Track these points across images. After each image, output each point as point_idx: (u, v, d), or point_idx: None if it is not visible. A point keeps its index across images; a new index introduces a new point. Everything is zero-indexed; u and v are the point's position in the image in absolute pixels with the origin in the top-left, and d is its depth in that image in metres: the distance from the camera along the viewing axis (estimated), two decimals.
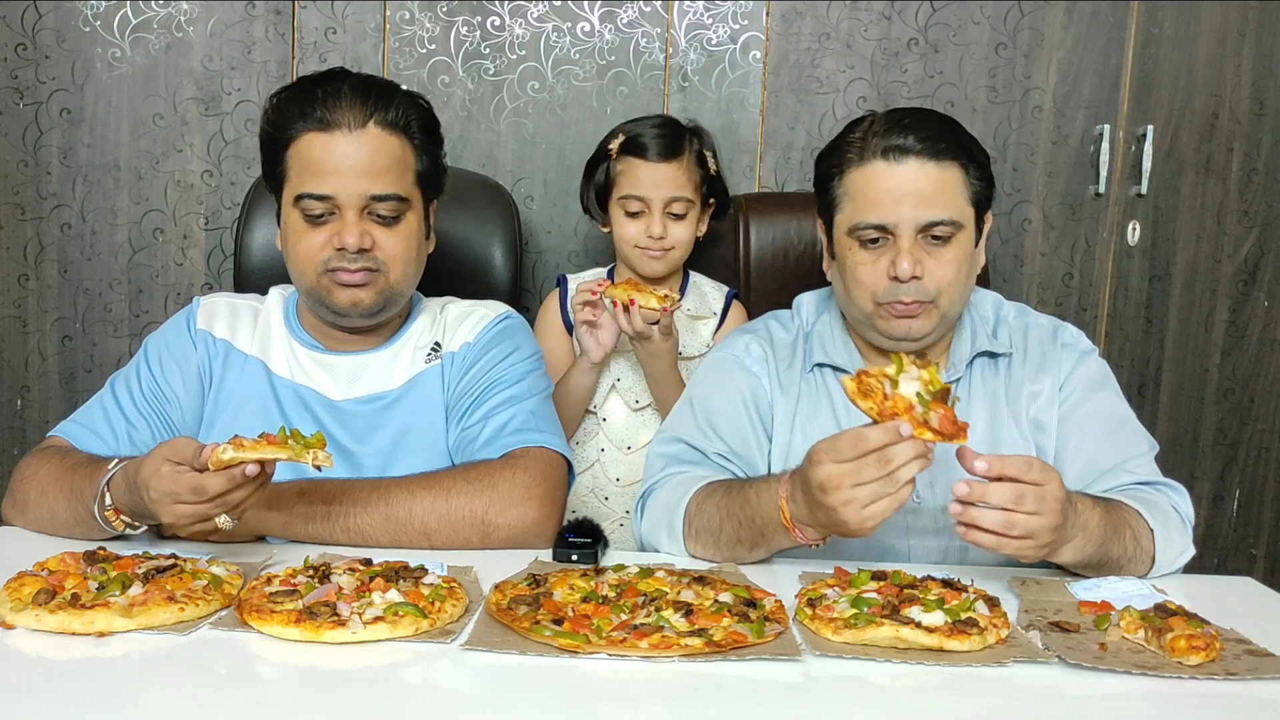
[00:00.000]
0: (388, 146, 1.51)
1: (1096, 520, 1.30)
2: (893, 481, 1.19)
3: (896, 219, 1.45)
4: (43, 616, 1.08)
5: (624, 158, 1.92)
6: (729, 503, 1.39)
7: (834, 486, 1.20)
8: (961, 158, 1.47)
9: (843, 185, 1.50)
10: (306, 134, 1.49)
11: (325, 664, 1.04)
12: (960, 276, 1.48)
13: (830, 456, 1.21)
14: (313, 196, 1.49)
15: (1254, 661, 1.10)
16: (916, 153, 1.45)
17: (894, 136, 1.45)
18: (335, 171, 1.48)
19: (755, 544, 1.37)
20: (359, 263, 1.49)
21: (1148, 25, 2.34)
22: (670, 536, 1.45)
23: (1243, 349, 2.46)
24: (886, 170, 1.45)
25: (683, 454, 1.54)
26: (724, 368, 1.60)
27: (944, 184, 1.46)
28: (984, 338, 1.56)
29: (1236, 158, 2.39)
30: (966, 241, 1.49)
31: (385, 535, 1.40)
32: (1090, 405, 1.53)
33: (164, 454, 1.23)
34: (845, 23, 2.32)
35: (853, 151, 1.48)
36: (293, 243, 1.53)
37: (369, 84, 1.53)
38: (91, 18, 2.27)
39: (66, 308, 2.35)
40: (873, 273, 1.47)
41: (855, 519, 1.20)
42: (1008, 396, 1.54)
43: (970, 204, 1.49)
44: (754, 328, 1.66)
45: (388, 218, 1.51)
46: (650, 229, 1.90)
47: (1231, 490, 2.50)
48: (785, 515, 1.30)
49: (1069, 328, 1.60)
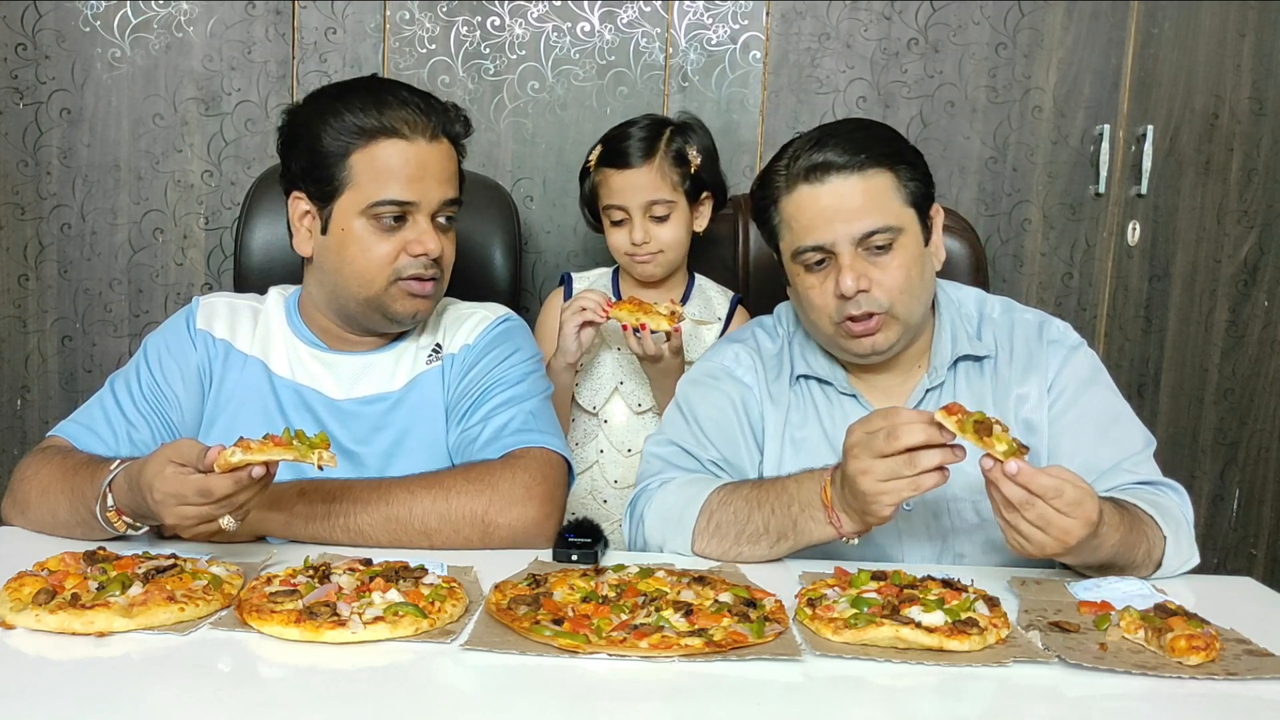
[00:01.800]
0: (453, 156, 1.56)
1: (1115, 533, 1.29)
2: (910, 463, 1.22)
3: (832, 237, 1.44)
4: (43, 616, 1.08)
5: (600, 169, 1.91)
6: (760, 494, 1.39)
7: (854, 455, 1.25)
8: (886, 163, 1.46)
9: (778, 214, 1.50)
10: (381, 140, 1.49)
11: (325, 664, 1.04)
12: (912, 282, 1.46)
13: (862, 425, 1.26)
14: (394, 203, 1.49)
15: (1254, 661, 1.10)
16: (837, 168, 1.44)
17: (813, 155, 1.45)
18: (418, 178, 1.50)
19: (784, 535, 1.36)
20: (432, 270, 1.52)
21: (1148, 25, 2.34)
22: (679, 532, 1.43)
23: (1243, 349, 2.46)
24: (812, 192, 1.45)
25: (677, 457, 1.53)
26: (715, 376, 1.59)
27: (871, 193, 1.45)
28: (965, 340, 1.54)
29: (1236, 158, 2.39)
30: (912, 245, 1.47)
31: (385, 535, 1.40)
32: (1082, 404, 1.51)
33: (168, 455, 1.23)
34: (845, 23, 2.32)
35: (780, 179, 1.48)
36: (358, 250, 1.51)
37: (426, 95, 1.55)
38: (91, 18, 2.27)
39: (66, 308, 2.35)
40: (822, 295, 1.47)
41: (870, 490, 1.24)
42: (995, 399, 1.52)
43: (908, 205, 1.47)
44: (742, 336, 1.65)
45: (447, 224, 1.55)
46: (632, 235, 1.89)
47: (1231, 490, 2.50)
48: (828, 495, 1.31)
49: (1055, 322, 1.57)
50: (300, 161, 1.53)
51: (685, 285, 2.01)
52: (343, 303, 1.56)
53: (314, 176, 1.52)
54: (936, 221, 1.54)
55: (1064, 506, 1.19)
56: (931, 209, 1.52)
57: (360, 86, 1.55)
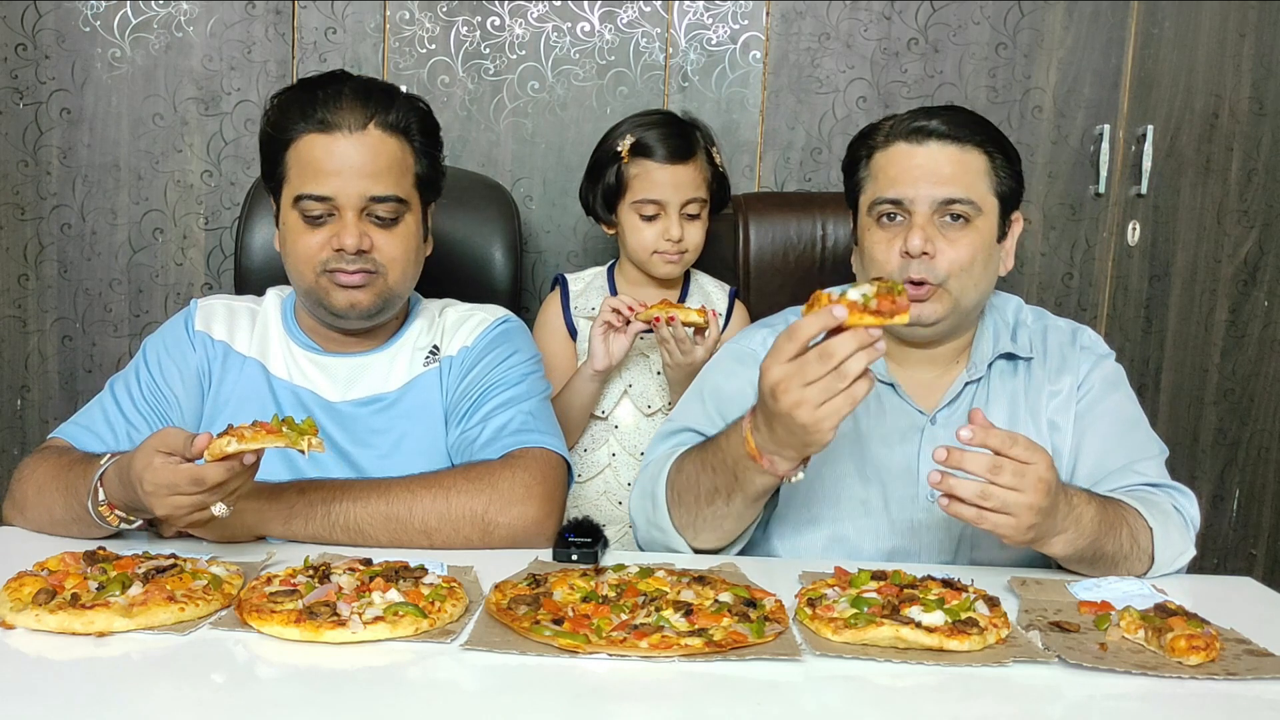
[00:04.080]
0: (388, 148, 1.51)
1: (1091, 515, 1.30)
2: (841, 376, 1.17)
3: (913, 195, 1.46)
4: (43, 616, 1.08)
5: (638, 160, 1.89)
6: (703, 454, 1.39)
7: (783, 390, 1.18)
8: (987, 146, 1.50)
9: (868, 168, 1.53)
10: (307, 135, 1.49)
11: (325, 664, 1.04)
12: (976, 264, 1.47)
13: (773, 359, 1.20)
14: (312, 197, 1.49)
15: (1254, 661, 1.10)
16: (939, 135, 1.48)
17: (919, 120, 1.49)
18: (335, 172, 1.48)
19: (731, 490, 1.35)
20: (357, 264, 1.49)
21: (1148, 25, 2.34)
22: (655, 507, 1.44)
23: (1243, 349, 2.46)
24: (909, 150, 1.49)
25: (687, 440, 1.52)
26: (739, 358, 1.59)
27: (964, 165, 1.48)
28: (1006, 339, 1.56)
29: (1236, 158, 2.39)
30: (986, 230, 1.49)
31: (385, 534, 1.40)
32: (1105, 405, 1.53)
33: (154, 446, 1.23)
34: (845, 23, 2.32)
35: (880, 135, 1.52)
36: (291, 243, 1.53)
37: (370, 86, 1.53)
38: (91, 18, 2.27)
39: (66, 308, 2.35)
40: (887, 250, 1.48)
41: (810, 420, 1.18)
42: (1027, 398, 1.54)
43: (993, 193, 1.50)
44: (772, 321, 1.65)
45: (386, 219, 1.51)
46: (669, 232, 1.88)
47: (1231, 490, 2.50)
48: (751, 445, 1.29)
49: (1088, 331, 1.61)
50: (261, 159, 1.57)
51: (682, 281, 2.01)
52: (301, 299, 1.58)
53: (265, 172, 1.56)
54: (1015, 227, 1.56)
55: (1022, 454, 1.19)
56: (1014, 213, 1.55)
57: (312, 81, 1.54)
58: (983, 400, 1.53)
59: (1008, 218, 1.54)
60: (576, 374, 1.89)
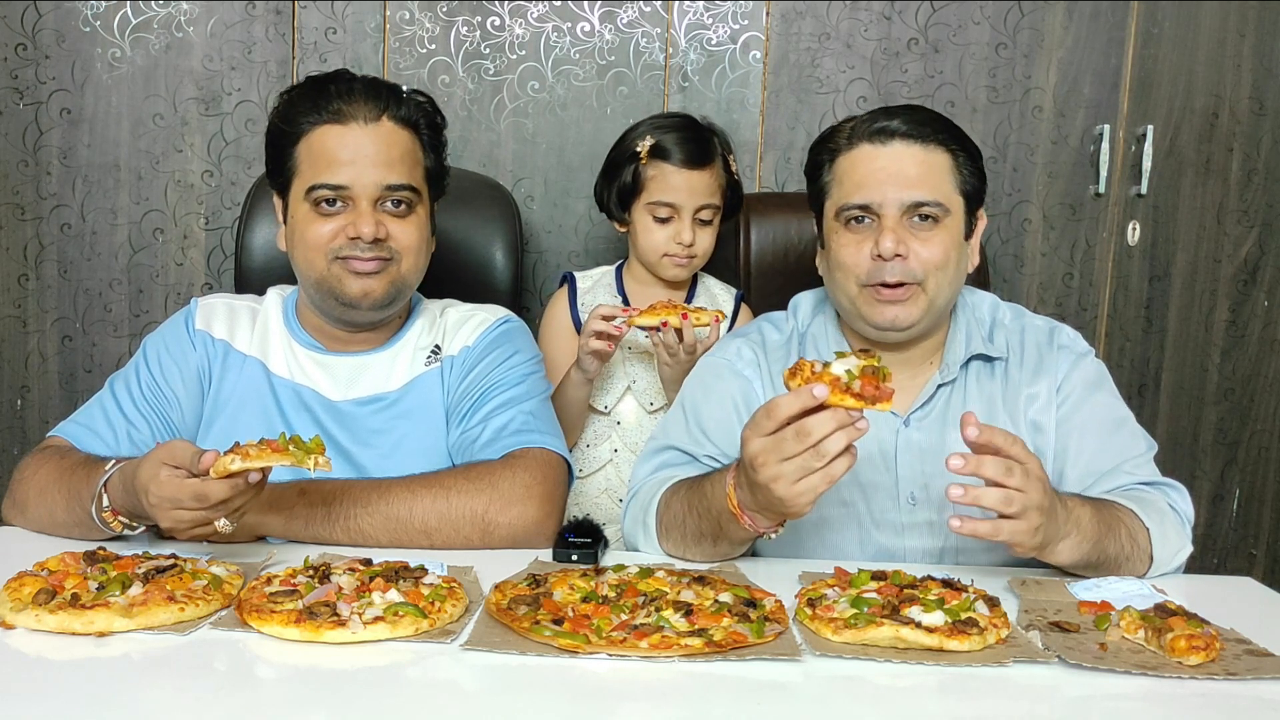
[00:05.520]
0: (400, 139, 1.53)
1: (1089, 516, 1.30)
2: (819, 455, 1.15)
3: (881, 198, 1.46)
4: (43, 616, 1.08)
5: (655, 162, 1.89)
6: (690, 497, 1.39)
7: (761, 463, 1.18)
8: (950, 144, 1.49)
9: (831, 171, 1.52)
10: (320, 127, 1.51)
11: (325, 664, 1.04)
12: (948, 263, 1.47)
13: (753, 432, 1.19)
14: (327, 187, 1.50)
15: (1254, 661, 1.10)
16: (902, 135, 1.47)
17: (881, 120, 1.48)
18: (350, 162, 1.50)
19: (716, 537, 1.36)
20: (372, 251, 1.51)
21: (1148, 25, 2.34)
22: (645, 535, 1.45)
23: (1243, 349, 2.46)
24: (872, 152, 1.48)
25: (673, 459, 1.54)
26: (716, 372, 1.59)
27: (930, 166, 1.47)
28: (979, 340, 1.55)
29: (1236, 158, 2.39)
30: (955, 229, 1.49)
31: (385, 534, 1.40)
32: (1088, 407, 1.52)
33: (161, 458, 1.23)
34: (845, 23, 2.32)
35: (842, 137, 1.51)
36: (301, 233, 1.53)
37: (379, 82, 1.56)
38: (91, 18, 2.27)
39: (66, 308, 2.35)
40: (857, 254, 1.47)
41: (787, 495, 1.17)
42: (1004, 400, 1.53)
43: (958, 192, 1.49)
44: (746, 331, 1.65)
45: (400, 208, 1.53)
46: (680, 235, 1.89)
47: (1231, 490, 2.50)
48: (733, 502, 1.28)
49: (1065, 329, 1.59)
50: (267, 157, 1.58)
51: (689, 283, 2.01)
52: (309, 293, 1.58)
53: (273, 169, 1.57)
54: (979, 224, 1.56)
55: (1022, 454, 1.20)
56: (978, 210, 1.55)
57: (314, 79, 1.56)
58: (958, 402, 1.52)
59: (973, 215, 1.53)
60: (566, 379, 1.88)
